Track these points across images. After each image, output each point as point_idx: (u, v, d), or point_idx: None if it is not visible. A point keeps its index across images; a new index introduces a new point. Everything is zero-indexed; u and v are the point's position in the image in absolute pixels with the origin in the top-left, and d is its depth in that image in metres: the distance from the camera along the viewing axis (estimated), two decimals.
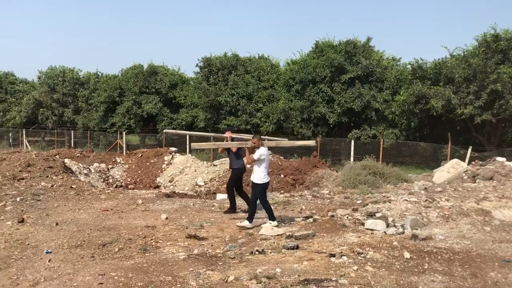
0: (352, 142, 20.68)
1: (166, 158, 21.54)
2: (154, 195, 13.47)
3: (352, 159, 19.44)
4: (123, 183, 18.14)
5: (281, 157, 17.34)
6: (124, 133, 28.10)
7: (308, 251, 6.47)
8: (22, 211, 9.63)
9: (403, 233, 7.47)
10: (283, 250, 6.62)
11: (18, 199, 10.78)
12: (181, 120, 27.22)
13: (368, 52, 22.89)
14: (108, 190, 13.89)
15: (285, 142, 13.30)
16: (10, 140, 32.90)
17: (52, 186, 12.56)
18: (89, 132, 29.86)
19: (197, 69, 27.72)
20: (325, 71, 22.46)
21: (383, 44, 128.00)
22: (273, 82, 25.12)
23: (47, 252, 6.56)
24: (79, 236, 7.49)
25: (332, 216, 8.54)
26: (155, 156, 21.63)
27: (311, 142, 10.71)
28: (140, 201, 11.02)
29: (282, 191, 13.01)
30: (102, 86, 29.98)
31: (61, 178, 13.72)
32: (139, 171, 20.94)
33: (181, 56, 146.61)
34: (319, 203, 10.70)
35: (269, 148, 8.98)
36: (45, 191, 11.85)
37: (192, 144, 9.35)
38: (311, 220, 8.51)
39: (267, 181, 8.44)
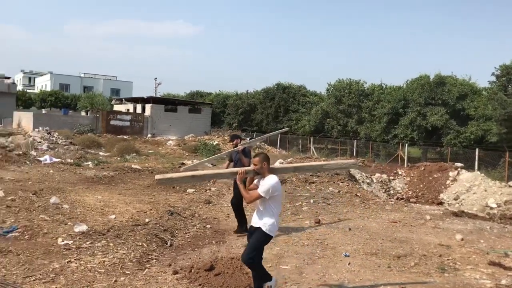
0: None
1: (451, 174, 20.16)
2: (441, 212, 12.69)
3: None
4: (404, 196, 17.83)
5: None
6: (406, 145, 27.69)
7: None
8: (316, 212, 10.44)
9: None
10: None
11: (311, 201, 11.76)
12: (469, 134, 25.05)
13: None
14: (391, 201, 13.84)
15: (315, 164, 7.52)
16: (300, 146, 36.43)
17: (339, 192, 13.25)
18: (370, 142, 30.53)
19: (493, 78, 25.08)
20: None
21: None
22: None
23: (345, 255, 6.84)
24: (372, 244, 7.58)
25: None
26: (439, 171, 20.47)
27: (351, 162, 6.50)
28: (428, 217, 10.54)
29: None
30: (386, 98, 30.21)
31: (346, 185, 14.38)
32: (421, 185, 20.20)
33: (473, 65, 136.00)
34: None
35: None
36: (333, 196, 12.59)
37: (156, 176, 5.12)
38: None
39: (276, 230, 4.93)
